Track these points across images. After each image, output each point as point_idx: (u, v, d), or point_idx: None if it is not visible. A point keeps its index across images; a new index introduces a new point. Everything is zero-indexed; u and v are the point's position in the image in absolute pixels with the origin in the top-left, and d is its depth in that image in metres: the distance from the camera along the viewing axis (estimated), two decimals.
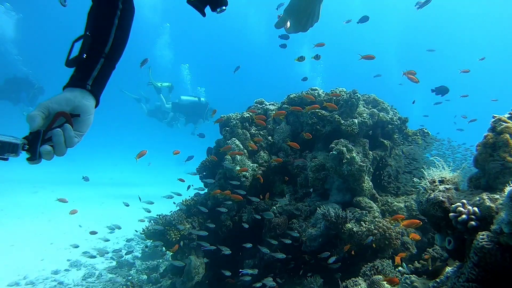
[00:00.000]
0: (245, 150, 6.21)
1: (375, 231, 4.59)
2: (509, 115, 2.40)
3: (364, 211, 5.01)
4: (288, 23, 1.64)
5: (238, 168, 5.87)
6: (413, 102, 8.45)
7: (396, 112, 6.45)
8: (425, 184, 2.45)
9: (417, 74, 5.72)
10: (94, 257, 6.89)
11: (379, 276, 3.98)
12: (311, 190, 5.52)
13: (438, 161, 2.56)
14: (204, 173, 6.59)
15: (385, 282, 3.87)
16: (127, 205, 8.17)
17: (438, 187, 2.36)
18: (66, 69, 1.31)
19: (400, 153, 6.09)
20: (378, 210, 5.16)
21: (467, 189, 2.45)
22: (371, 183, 5.44)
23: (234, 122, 6.40)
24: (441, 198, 2.26)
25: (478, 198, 2.14)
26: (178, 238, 5.40)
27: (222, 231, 5.80)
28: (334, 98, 6.05)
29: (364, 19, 6.58)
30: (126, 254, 9.55)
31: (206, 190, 6.51)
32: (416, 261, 4.21)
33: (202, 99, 15.01)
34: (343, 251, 4.82)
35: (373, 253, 4.70)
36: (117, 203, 14.99)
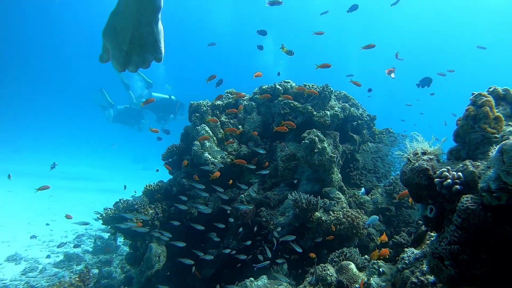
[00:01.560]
0: (215, 138, 6.04)
1: (344, 219, 4.60)
2: (487, 92, 2.47)
3: (333, 201, 5.02)
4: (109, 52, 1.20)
5: (206, 154, 5.69)
6: (369, 90, 8.35)
7: (364, 110, 6.59)
8: (409, 155, 2.44)
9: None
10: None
11: (347, 261, 3.97)
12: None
13: (418, 136, 2.58)
14: (170, 160, 6.32)
15: (353, 267, 3.86)
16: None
17: (421, 158, 2.36)
18: None
19: (367, 149, 6.22)
20: (346, 201, 5.19)
21: (448, 161, 2.48)
22: (340, 175, 5.48)
23: (205, 109, 6.22)
24: (425, 165, 2.26)
25: (461, 165, 2.16)
26: (140, 223, 5.09)
27: (186, 219, 5.56)
28: (307, 89, 6.07)
29: (354, 7, 6.59)
30: (74, 247, 8.97)
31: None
32: (382, 249, 4.26)
33: (173, 97, 14.91)
34: (311, 240, 4.79)
35: (340, 243, 4.70)
36: (67, 197, 14.17)
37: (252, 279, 4.24)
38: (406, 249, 3.52)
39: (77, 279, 4.01)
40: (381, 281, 3.73)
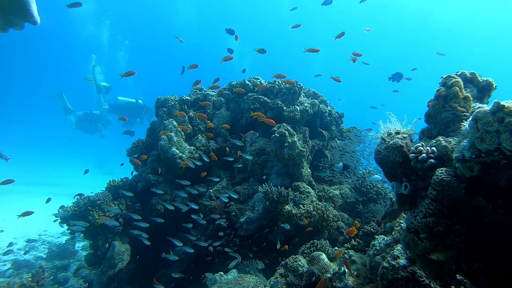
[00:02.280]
0: (183, 133, 5.86)
1: (314, 212, 4.59)
2: (456, 75, 2.54)
3: (303, 195, 5.00)
4: None
5: (174, 149, 5.50)
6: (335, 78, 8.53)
7: (333, 107, 6.69)
8: (383, 135, 2.45)
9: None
10: None
11: (318, 252, 3.94)
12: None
13: (392, 117, 2.60)
14: (136, 156, 6.06)
15: (324, 257, 3.84)
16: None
17: (395, 137, 2.38)
18: None
19: (335, 146, 6.30)
20: (315, 195, 5.20)
21: (420, 141, 2.51)
22: (309, 170, 5.48)
23: (172, 103, 6.03)
24: (400, 143, 2.28)
25: (434, 141, 2.19)
26: (102, 220, 4.80)
27: (152, 215, 5.32)
28: (277, 86, 6.07)
29: (328, 1, 6.65)
30: (24, 254, 8.36)
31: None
32: (352, 240, 4.29)
33: (140, 101, 14.60)
34: (281, 234, 4.73)
35: (309, 237, 4.68)
36: (19, 202, 13.27)
37: (221, 273, 4.10)
38: (377, 236, 3.55)
39: (30, 279, 3.68)
40: (352, 269, 3.74)
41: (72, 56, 39.62)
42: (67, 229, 5.18)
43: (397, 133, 2.45)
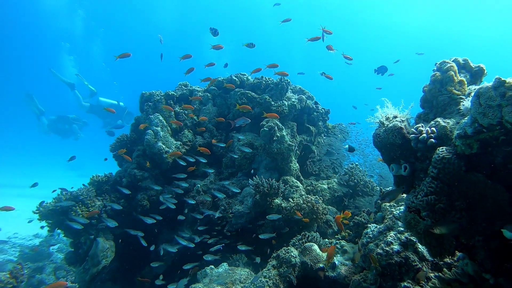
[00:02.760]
0: (169, 128, 5.76)
1: (304, 205, 4.59)
2: (450, 60, 2.61)
3: (292, 189, 5.01)
4: None
5: (160, 144, 5.40)
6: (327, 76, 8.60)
7: (319, 104, 6.75)
8: (381, 120, 2.49)
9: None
10: None
11: (310, 243, 3.95)
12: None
13: (388, 103, 2.64)
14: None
15: (316, 248, 3.85)
16: None
17: (394, 120, 2.41)
18: None
19: (322, 142, 6.35)
20: (304, 189, 5.21)
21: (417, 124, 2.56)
22: (297, 165, 5.50)
23: (158, 98, 5.93)
24: (400, 125, 2.32)
25: (433, 122, 2.24)
26: (85, 215, 4.64)
27: (137, 211, 5.19)
28: (264, 82, 6.07)
29: None
30: None
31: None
32: (342, 231, 4.32)
33: (121, 103, 14.33)
34: (271, 228, 4.70)
35: (300, 230, 4.67)
36: None
37: (212, 266, 4.04)
38: (369, 225, 3.59)
39: (8, 275, 3.49)
40: (344, 259, 3.76)
41: (42, 49, 37.82)
42: (47, 225, 4.97)
43: (395, 117, 2.49)
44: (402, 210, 3.06)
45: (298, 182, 5.24)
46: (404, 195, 2.46)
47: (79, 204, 4.70)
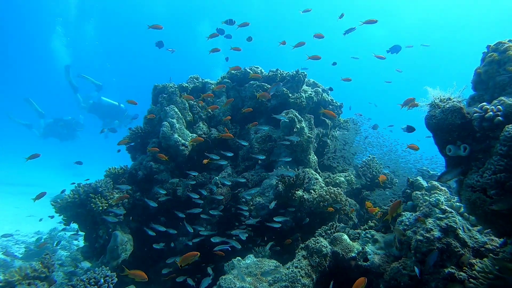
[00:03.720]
0: (183, 120, 5.67)
1: (327, 196, 4.55)
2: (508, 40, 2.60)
3: (312, 181, 4.96)
4: None
5: (176, 136, 5.30)
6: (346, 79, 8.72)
7: (332, 98, 6.73)
8: (434, 101, 2.45)
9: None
10: None
11: (339, 233, 3.90)
12: (259, 157, 5.20)
13: (435, 90, 2.61)
14: (133, 144, 5.78)
15: (346, 237, 3.81)
16: None
17: (450, 101, 2.38)
18: None
19: (336, 135, 6.33)
20: (323, 181, 5.17)
21: (469, 106, 2.54)
22: (316, 157, 5.46)
23: (172, 89, 5.82)
24: (459, 105, 2.28)
25: (496, 101, 2.21)
26: (105, 207, 4.51)
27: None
28: (279, 74, 6.02)
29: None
30: (3, 254, 7.76)
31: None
32: (369, 221, 4.29)
33: (122, 105, 14.54)
34: (291, 221, 4.65)
35: (321, 221, 4.63)
36: None
37: (239, 258, 3.96)
38: (403, 213, 3.56)
39: (40, 265, 3.38)
40: (375, 248, 3.72)
41: (35, 32, 36.86)
42: (62, 219, 4.83)
43: (449, 99, 2.46)
44: (437, 197, 3.05)
45: (317, 174, 5.20)
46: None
47: (98, 196, 4.57)
